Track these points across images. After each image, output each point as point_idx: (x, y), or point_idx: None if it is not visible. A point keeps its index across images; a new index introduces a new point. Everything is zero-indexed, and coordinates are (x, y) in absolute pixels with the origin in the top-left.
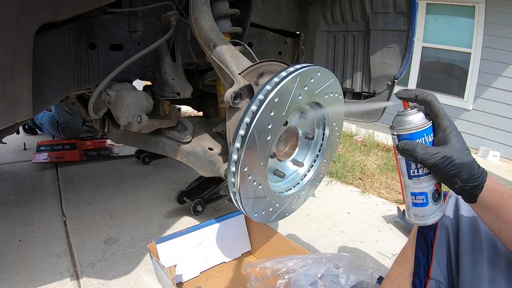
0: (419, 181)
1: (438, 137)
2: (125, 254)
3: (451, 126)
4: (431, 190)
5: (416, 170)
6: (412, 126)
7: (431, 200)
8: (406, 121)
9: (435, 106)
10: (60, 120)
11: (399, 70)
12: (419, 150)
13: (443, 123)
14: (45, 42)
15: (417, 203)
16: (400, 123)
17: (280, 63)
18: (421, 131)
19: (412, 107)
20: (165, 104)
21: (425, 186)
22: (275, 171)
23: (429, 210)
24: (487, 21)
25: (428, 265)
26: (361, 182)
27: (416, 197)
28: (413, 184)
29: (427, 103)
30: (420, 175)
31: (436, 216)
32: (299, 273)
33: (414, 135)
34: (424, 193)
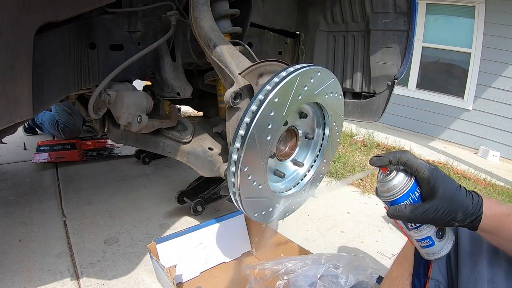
0: (420, 230)
1: (424, 190)
2: (125, 254)
3: (434, 176)
4: (433, 233)
5: (413, 224)
6: (396, 192)
7: (436, 239)
8: (389, 188)
9: (412, 164)
10: (60, 120)
11: (399, 70)
12: (408, 214)
13: (425, 176)
14: (45, 42)
15: (424, 245)
16: (385, 190)
17: (280, 63)
18: (406, 193)
19: (391, 169)
20: (165, 104)
21: (426, 232)
22: (275, 171)
23: (438, 247)
24: (487, 21)
25: (427, 265)
26: (361, 182)
27: (422, 242)
28: (415, 234)
29: (404, 163)
30: (418, 226)
31: (447, 248)
32: (298, 274)
33: (400, 199)
34: (428, 237)
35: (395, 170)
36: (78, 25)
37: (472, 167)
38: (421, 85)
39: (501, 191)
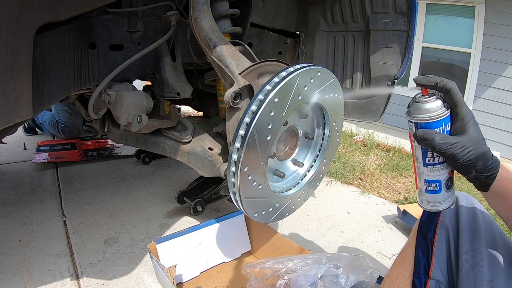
0: (434, 169)
1: (456, 126)
2: (125, 254)
3: (469, 116)
4: (445, 178)
5: (432, 159)
6: (431, 115)
7: (444, 187)
8: (424, 109)
9: (455, 95)
10: (60, 120)
11: (399, 70)
12: (437, 140)
13: (461, 112)
14: (45, 42)
15: (430, 190)
16: (418, 111)
17: (280, 63)
18: (439, 121)
19: (430, 94)
20: (165, 104)
21: (439, 174)
22: (275, 171)
23: (442, 197)
24: (487, 21)
25: (428, 265)
26: (361, 182)
27: (430, 184)
28: (427, 172)
29: (447, 91)
30: (435, 164)
31: (448, 202)
32: (299, 273)
33: (432, 124)
34: (438, 181)
35: (435, 95)
36: (78, 25)
37: None
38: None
39: None
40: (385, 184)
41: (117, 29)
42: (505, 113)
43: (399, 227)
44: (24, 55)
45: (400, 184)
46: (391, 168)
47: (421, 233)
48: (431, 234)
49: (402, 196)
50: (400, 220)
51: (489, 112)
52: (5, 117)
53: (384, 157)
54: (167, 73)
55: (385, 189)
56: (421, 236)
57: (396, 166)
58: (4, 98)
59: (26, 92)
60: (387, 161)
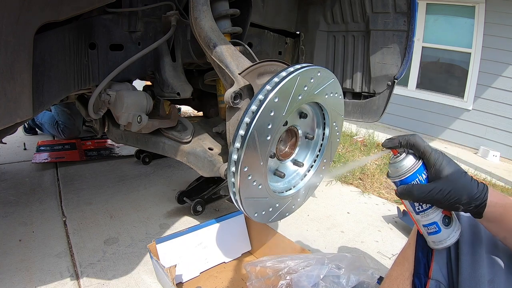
0: (426, 214)
1: (431, 172)
2: (125, 254)
3: (440, 159)
4: (440, 218)
5: (420, 207)
6: (404, 171)
7: (442, 226)
8: (398, 168)
9: (419, 146)
10: (60, 120)
11: (399, 70)
12: (415, 192)
13: (431, 159)
14: (45, 42)
15: (431, 232)
16: (394, 171)
17: (280, 63)
18: (414, 173)
19: (400, 152)
20: (165, 104)
21: (433, 217)
22: (275, 171)
23: (444, 235)
24: (487, 21)
25: (428, 265)
26: (361, 182)
27: (428, 227)
28: (421, 218)
29: (412, 145)
30: (425, 210)
31: (453, 237)
32: (301, 274)
33: (408, 178)
34: (434, 223)
35: (404, 152)
36: (78, 25)
37: (472, 167)
38: (421, 85)
39: (501, 191)
40: (385, 184)
41: (117, 29)
42: (505, 113)
43: (399, 227)
44: (24, 55)
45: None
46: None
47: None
48: None
49: None
50: (400, 220)
51: (489, 112)
52: (5, 117)
53: (384, 157)
54: (167, 73)
55: (385, 189)
56: (421, 237)
57: None
58: (4, 98)
59: (26, 92)
60: (387, 161)
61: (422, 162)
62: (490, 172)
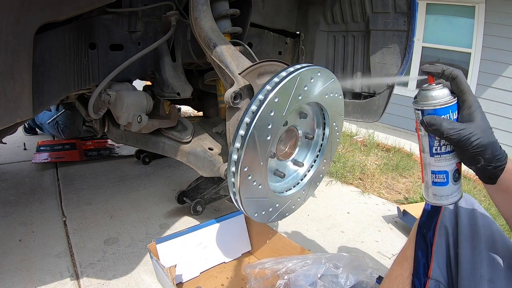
0: (441, 159)
1: (463, 114)
2: (125, 254)
3: (476, 104)
4: (452, 169)
5: (439, 148)
6: (438, 102)
7: (451, 179)
8: (432, 96)
9: (462, 82)
10: (60, 120)
11: (399, 70)
12: (445, 125)
13: (468, 99)
14: (45, 42)
15: (437, 182)
16: (425, 98)
17: (280, 63)
18: (446, 107)
19: (437, 83)
20: (165, 104)
21: (446, 165)
22: (275, 171)
23: (449, 190)
24: (487, 21)
25: (427, 265)
26: (361, 182)
27: (436, 175)
28: (434, 162)
29: (454, 78)
30: (442, 153)
31: (455, 196)
32: (298, 273)
33: (439, 110)
34: (445, 172)
35: (441, 84)
36: (78, 25)
37: None
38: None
39: None
40: (385, 184)
41: (117, 29)
42: (505, 113)
43: (399, 227)
44: (24, 55)
45: (400, 184)
46: (391, 168)
47: (420, 233)
48: (431, 234)
49: (402, 196)
50: (400, 220)
51: (489, 112)
52: (5, 117)
53: (384, 157)
54: (167, 73)
55: (385, 189)
56: (421, 236)
57: (396, 166)
58: (4, 98)
59: (26, 92)
60: (387, 161)
61: (456, 101)
62: None
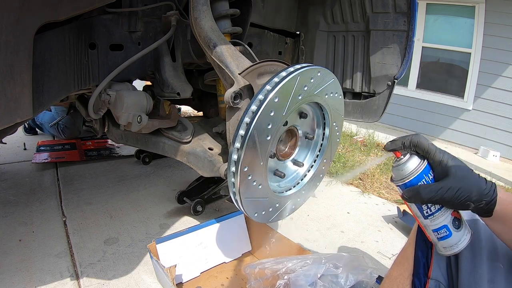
0: (435, 217)
1: (437, 171)
2: (125, 254)
3: (445, 157)
4: (450, 220)
5: (428, 210)
6: (409, 173)
7: (453, 229)
8: (402, 170)
9: (423, 145)
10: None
11: (399, 70)
12: (422, 193)
13: (436, 157)
14: (45, 42)
15: (441, 237)
16: (398, 174)
17: (280, 63)
18: (419, 174)
19: (404, 154)
20: (165, 104)
21: (443, 220)
22: (275, 171)
23: (455, 239)
24: (487, 21)
25: (427, 265)
26: (361, 182)
27: (438, 232)
28: (431, 223)
29: (415, 145)
30: (434, 212)
31: (465, 240)
32: (298, 273)
33: (414, 180)
34: (444, 226)
35: (408, 154)
36: (78, 25)
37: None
38: (421, 85)
39: None
40: (385, 184)
41: (117, 29)
42: (505, 113)
43: (399, 227)
44: (24, 55)
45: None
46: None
47: (420, 233)
48: None
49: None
50: (400, 220)
51: (489, 112)
52: (5, 117)
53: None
54: (167, 73)
55: (385, 189)
56: (421, 237)
57: None
58: (4, 98)
59: (26, 92)
60: (387, 161)
61: (427, 162)
62: (490, 172)
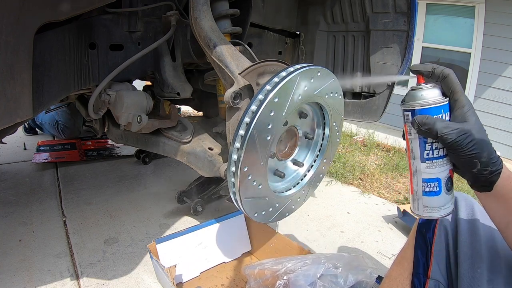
0: (433, 164)
1: (456, 114)
2: (125, 254)
3: (469, 104)
4: (445, 177)
5: (431, 152)
6: (429, 101)
7: (444, 188)
8: (422, 95)
9: (453, 82)
10: (60, 120)
11: (399, 70)
12: (439, 124)
13: (461, 99)
14: (45, 42)
15: (429, 191)
16: (416, 98)
17: (280, 63)
18: (438, 107)
19: (427, 81)
20: (165, 104)
21: (439, 171)
22: (275, 171)
23: (441, 200)
24: (487, 21)
25: (427, 265)
26: (361, 182)
27: (428, 184)
28: (425, 169)
29: (445, 77)
30: (435, 158)
31: (448, 208)
32: (298, 273)
33: (431, 110)
34: (437, 179)
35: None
36: (78, 25)
37: None
38: None
39: None
40: (385, 184)
41: (117, 29)
42: (505, 113)
43: (399, 227)
44: (24, 55)
45: (400, 184)
46: (391, 168)
47: (420, 233)
48: (430, 234)
49: (402, 196)
50: (400, 220)
51: (489, 112)
52: (5, 117)
53: (384, 157)
54: (167, 73)
55: (385, 189)
56: (420, 236)
57: (396, 166)
58: (4, 98)
59: (26, 92)
60: (387, 161)
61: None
62: None
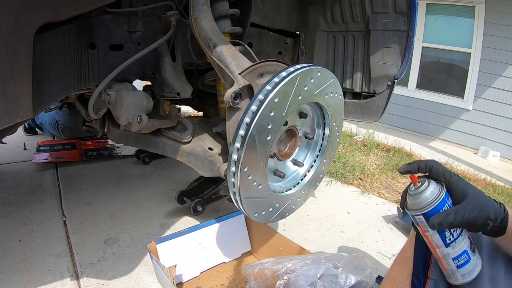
0: (457, 243)
1: (456, 194)
2: (125, 254)
3: (459, 180)
4: (468, 245)
5: (451, 236)
6: (432, 200)
7: (471, 253)
8: (426, 198)
9: (439, 169)
10: (60, 120)
11: (399, 70)
12: (450, 218)
13: (452, 180)
14: (45, 42)
15: (461, 264)
16: (421, 202)
17: (280, 63)
18: (442, 200)
19: (421, 181)
20: (165, 104)
21: (463, 245)
22: (275, 171)
23: (472, 264)
24: (487, 21)
25: (427, 265)
26: (361, 182)
27: (459, 259)
28: (452, 250)
29: (430, 168)
30: (455, 238)
31: (479, 263)
32: (298, 273)
33: (438, 207)
34: (464, 252)
35: (425, 180)
36: (78, 25)
37: (472, 167)
38: (421, 85)
39: (501, 191)
40: (385, 184)
41: (117, 29)
42: (505, 113)
43: (399, 227)
44: (24, 55)
45: (400, 184)
46: (391, 168)
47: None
48: None
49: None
50: (400, 220)
51: (489, 112)
52: (5, 117)
53: (384, 157)
54: (167, 73)
55: (385, 189)
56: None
57: (396, 166)
58: (4, 98)
59: (26, 92)
60: (387, 161)
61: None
62: (490, 172)
